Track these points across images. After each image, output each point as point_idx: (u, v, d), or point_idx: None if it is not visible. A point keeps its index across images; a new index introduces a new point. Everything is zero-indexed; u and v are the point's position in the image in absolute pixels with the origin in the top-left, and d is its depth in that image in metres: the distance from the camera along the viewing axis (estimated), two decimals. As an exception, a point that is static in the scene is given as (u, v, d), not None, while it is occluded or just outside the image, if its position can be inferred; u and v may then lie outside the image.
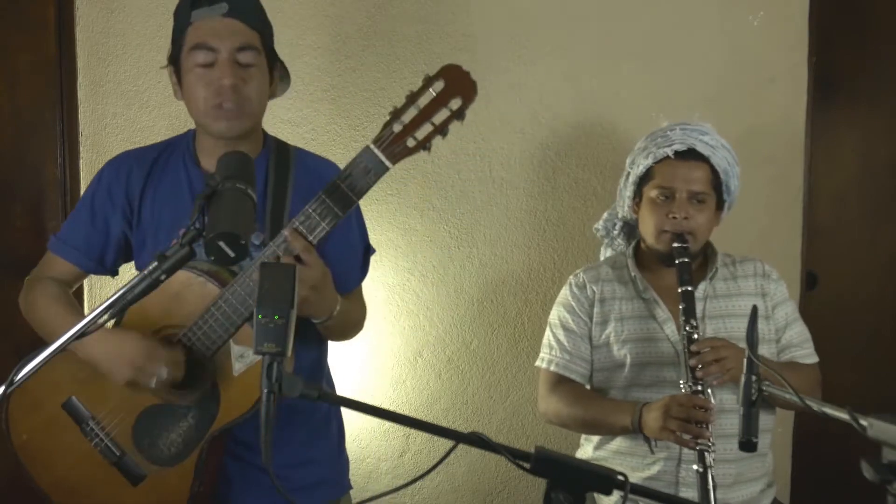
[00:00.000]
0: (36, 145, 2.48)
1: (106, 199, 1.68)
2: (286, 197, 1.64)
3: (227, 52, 1.56)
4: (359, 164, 1.45)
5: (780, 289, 1.98)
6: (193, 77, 1.58)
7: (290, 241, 1.45)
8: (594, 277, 2.02)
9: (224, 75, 1.55)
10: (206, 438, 1.55)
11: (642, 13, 2.45)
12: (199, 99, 1.58)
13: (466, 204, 2.48)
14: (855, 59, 2.61)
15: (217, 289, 1.51)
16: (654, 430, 1.75)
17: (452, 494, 2.53)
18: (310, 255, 1.45)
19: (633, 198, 2.00)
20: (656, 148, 1.92)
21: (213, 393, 1.54)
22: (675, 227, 1.87)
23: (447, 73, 1.43)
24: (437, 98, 1.42)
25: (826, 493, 2.56)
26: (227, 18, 1.56)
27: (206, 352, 1.51)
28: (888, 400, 2.53)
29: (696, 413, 1.70)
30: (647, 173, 1.94)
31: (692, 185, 1.89)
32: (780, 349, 1.95)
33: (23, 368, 1.14)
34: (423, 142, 1.43)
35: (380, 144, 1.44)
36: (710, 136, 1.92)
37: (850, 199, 2.66)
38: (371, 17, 2.42)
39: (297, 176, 1.68)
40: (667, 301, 1.94)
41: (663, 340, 1.92)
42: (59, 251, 1.73)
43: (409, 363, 2.49)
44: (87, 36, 2.42)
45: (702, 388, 1.74)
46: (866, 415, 1.14)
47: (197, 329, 1.51)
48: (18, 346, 2.42)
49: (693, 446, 1.70)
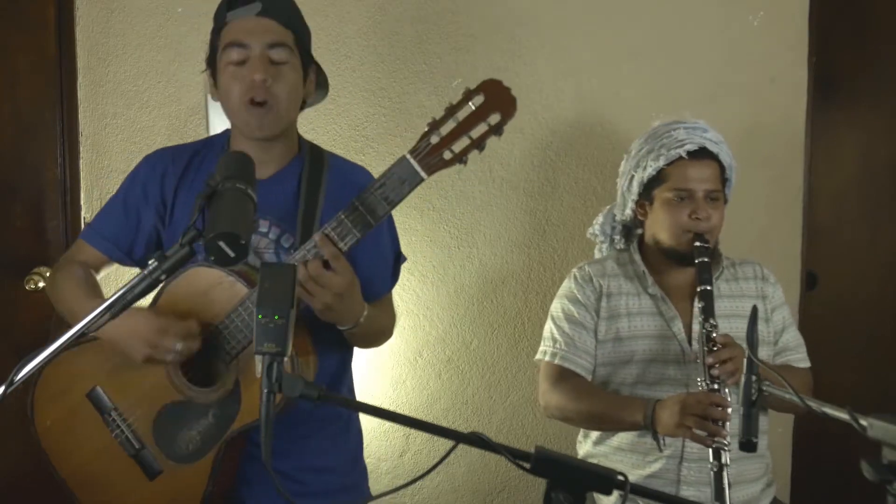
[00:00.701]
0: (36, 145, 2.48)
1: (140, 195, 1.70)
2: (318, 201, 1.64)
3: (258, 48, 1.56)
4: (393, 173, 1.44)
5: (777, 292, 2.00)
6: (227, 75, 1.59)
7: (319, 247, 1.45)
8: (600, 272, 2.01)
9: (255, 70, 1.55)
10: (225, 438, 1.55)
11: (642, 13, 2.45)
12: (232, 95, 1.59)
13: (466, 204, 2.48)
14: (855, 59, 2.61)
15: (245, 289, 1.51)
16: (670, 426, 1.71)
17: (452, 494, 2.53)
18: (338, 262, 1.45)
19: (637, 200, 1.99)
20: (666, 150, 1.91)
21: (235, 393, 1.54)
22: (699, 227, 1.87)
23: (488, 87, 1.41)
24: (476, 112, 1.41)
25: (826, 493, 2.55)
26: (260, 17, 1.58)
27: (231, 351, 1.52)
28: (888, 400, 2.53)
29: (714, 411, 1.67)
30: (659, 175, 1.92)
31: (707, 184, 1.89)
32: (777, 352, 1.96)
33: (23, 368, 1.14)
34: (459, 155, 1.42)
35: (416, 155, 1.43)
36: (712, 132, 1.93)
37: (850, 199, 2.66)
38: (371, 17, 2.43)
39: (330, 181, 1.68)
40: (673, 299, 1.93)
41: (670, 338, 1.91)
42: (90, 239, 1.75)
43: (409, 363, 2.49)
44: (87, 36, 2.42)
45: (718, 387, 1.71)
46: (866, 415, 1.14)
47: (223, 328, 1.51)
48: (18, 346, 2.43)
49: (710, 444, 1.67)
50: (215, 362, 1.56)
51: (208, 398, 1.56)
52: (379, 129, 2.45)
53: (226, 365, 1.54)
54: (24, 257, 2.50)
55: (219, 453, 1.56)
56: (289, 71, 1.60)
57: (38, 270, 2.47)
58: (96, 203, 2.46)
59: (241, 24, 1.58)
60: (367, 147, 2.45)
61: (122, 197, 1.73)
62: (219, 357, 1.54)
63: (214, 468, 1.57)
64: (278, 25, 1.59)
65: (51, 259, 2.49)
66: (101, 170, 2.46)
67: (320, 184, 1.67)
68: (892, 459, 1.08)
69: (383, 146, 2.44)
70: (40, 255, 2.50)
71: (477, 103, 1.40)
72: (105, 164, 2.46)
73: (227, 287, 1.53)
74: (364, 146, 2.45)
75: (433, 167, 1.42)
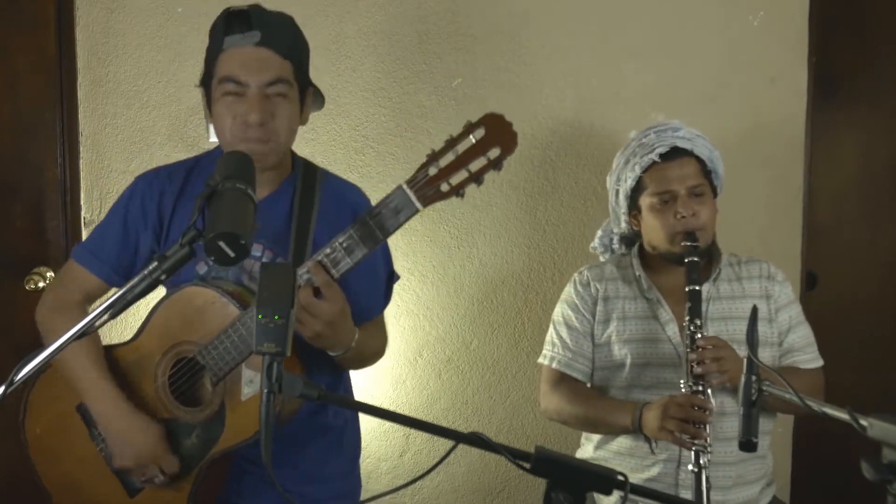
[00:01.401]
0: (36, 145, 2.48)
1: (139, 216, 1.67)
2: (310, 223, 1.63)
3: (256, 86, 1.54)
4: (389, 203, 1.41)
5: (785, 291, 1.97)
6: (222, 106, 1.56)
7: (312, 274, 1.43)
8: (598, 275, 2.02)
9: (251, 110, 1.53)
10: (207, 459, 1.55)
11: (642, 13, 2.44)
12: (226, 129, 1.57)
13: (466, 204, 2.47)
14: (855, 59, 2.61)
15: (237, 311, 1.50)
16: (653, 429, 1.75)
17: (452, 494, 2.53)
18: (330, 290, 1.44)
19: (628, 213, 1.99)
20: (639, 157, 1.92)
21: (220, 414, 1.54)
22: (685, 225, 1.87)
23: (489, 121, 1.39)
24: (476, 146, 1.38)
25: (826, 493, 2.55)
26: (259, 48, 1.54)
27: (217, 372, 1.51)
28: (888, 400, 2.53)
29: (695, 413, 1.70)
30: (638, 184, 1.94)
31: (687, 180, 1.89)
32: (782, 353, 1.94)
33: (23, 368, 1.14)
34: (456, 188, 1.40)
35: (413, 185, 1.40)
36: (683, 129, 1.94)
37: (850, 199, 2.65)
38: (371, 17, 2.42)
39: (324, 201, 1.67)
40: (670, 302, 1.94)
41: (665, 342, 1.92)
42: (86, 263, 1.69)
43: (409, 363, 2.49)
44: (87, 36, 2.42)
45: (702, 389, 1.73)
46: (866, 415, 1.14)
47: (212, 348, 1.50)
48: (18, 346, 2.43)
49: (690, 446, 1.70)
50: (202, 383, 1.55)
51: (195, 418, 1.56)
52: (379, 129, 2.45)
53: (212, 386, 1.53)
54: (24, 257, 2.50)
55: (199, 474, 1.56)
56: (286, 105, 1.57)
57: (38, 270, 2.47)
58: (96, 203, 2.46)
59: (239, 56, 1.54)
60: (367, 147, 2.45)
61: (120, 218, 1.68)
62: (206, 378, 1.54)
63: (194, 489, 1.57)
64: (277, 57, 1.55)
65: (51, 259, 2.49)
66: (101, 170, 2.46)
67: (313, 205, 1.65)
68: (892, 459, 1.08)
69: (383, 146, 2.44)
70: (40, 255, 2.50)
71: (478, 136, 1.38)
72: (105, 164, 2.46)
73: (220, 307, 1.52)
74: (364, 146, 2.45)
75: (429, 199, 1.40)
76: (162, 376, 1.57)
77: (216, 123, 1.60)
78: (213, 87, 1.58)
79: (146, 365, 1.59)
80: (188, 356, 1.55)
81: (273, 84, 1.55)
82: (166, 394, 1.57)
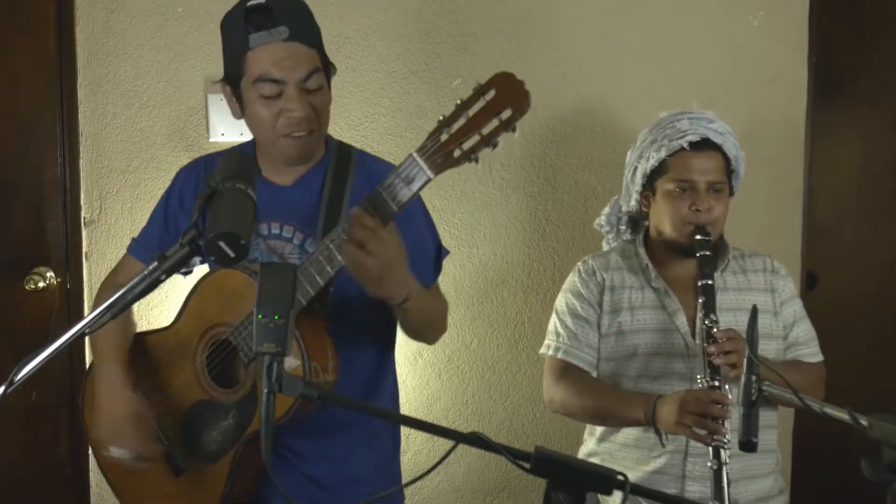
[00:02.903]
0: (36, 145, 2.48)
1: (178, 205, 1.73)
2: (343, 200, 1.62)
3: (294, 82, 1.52)
4: (400, 172, 1.35)
5: (788, 285, 1.97)
6: (260, 106, 1.54)
7: (354, 224, 1.35)
8: (603, 265, 1.99)
9: (295, 108, 1.52)
10: (242, 440, 1.55)
11: (642, 13, 2.45)
12: (268, 128, 1.56)
13: (466, 204, 2.48)
14: (855, 59, 2.61)
15: None
16: (669, 424, 1.69)
17: (452, 494, 2.53)
18: (382, 231, 1.35)
19: (641, 192, 1.97)
20: (668, 140, 1.88)
21: (253, 395, 1.54)
22: (699, 219, 1.85)
23: (499, 81, 1.31)
24: (486, 106, 1.31)
25: (826, 493, 2.55)
26: (288, 43, 1.51)
27: (249, 353, 1.52)
28: (888, 400, 2.53)
29: (713, 408, 1.64)
30: (661, 166, 1.90)
31: (709, 175, 1.87)
32: (787, 346, 1.94)
33: (23, 368, 1.14)
34: (468, 152, 1.32)
35: (423, 153, 1.33)
36: (718, 123, 1.91)
37: (850, 199, 2.65)
38: (371, 17, 2.43)
39: (356, 182, 1.66)
40: (677, 292, 1.92)
41: (673, 332, 1.89)
42: (134, 252, 1.78)
43: (409, 363, 2.49)
44: (87, 36, 2.42)
45: (719, 384, 1.69)
46: (866, 415, 1.14)
47: (243, 329, 1.52)
48: (18, 346, 2.43)
49: (709, 442, 1.65)
50: (237, 364, 1.57)
51: (230, 399, 1.58)
52: (379, 129, 2.45)
53: (245, 367, 1.55)
54: (24, 257, 2.50)
55: (236, 455, 1.56)
56: (323, 94, 1.58)
57: (38, 270, 2.47)
58: (96, 203, 2.46)
59: (270, 53, 1.51)
60: (367, 147, 2.43)
61: (162, 208, 1.76)
62: (239, 359, 1.56)
63: (232, 470, 1.57)
64: (305, 48, 1.54)
65: (51, 259, 2.50)
66: (101, 170, 2.46)
67: (345, 186, 1.64)
68: (892, 459, 1.08)
69: (383, 146, 2.44)
70: (40, 255, 2.50)
71: (488, 97, 1.31)
72: (105, 164, 2.46)
73: (250, 289, 1.51)
74: (364, 146, 2.42)
75: (440, 166, 1.33)
76: (200, 357, 1.60)
77: (252, 122, 1.59)
78: (245, 88, 1.56)
79: (185, 348, 1.63)
80: (223, 338, 1.56)
81: (309, 77, 1.54)
82: (204, 375, 1.60)
